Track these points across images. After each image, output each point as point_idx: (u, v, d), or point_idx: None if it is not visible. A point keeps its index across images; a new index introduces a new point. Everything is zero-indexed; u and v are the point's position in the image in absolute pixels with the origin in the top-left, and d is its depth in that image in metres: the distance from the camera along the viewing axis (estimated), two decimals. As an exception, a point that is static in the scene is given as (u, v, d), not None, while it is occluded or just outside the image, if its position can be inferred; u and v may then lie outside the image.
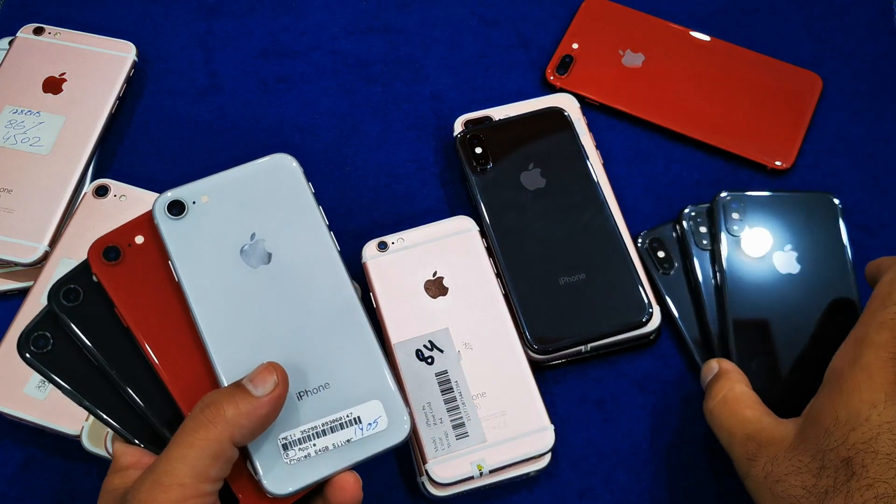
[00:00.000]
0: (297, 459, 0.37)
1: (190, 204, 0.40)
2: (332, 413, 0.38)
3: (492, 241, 0.53)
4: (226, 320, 0.39)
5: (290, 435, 0.38)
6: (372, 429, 0.39)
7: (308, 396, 0.39)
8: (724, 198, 0.54)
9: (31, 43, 0.61)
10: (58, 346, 0.39)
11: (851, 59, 0.63)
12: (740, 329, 0.51)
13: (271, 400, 0.36)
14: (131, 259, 0.40)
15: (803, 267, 0.52)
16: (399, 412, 0.39)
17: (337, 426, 0.38)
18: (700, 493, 0.50)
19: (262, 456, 0.37)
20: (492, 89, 0.62)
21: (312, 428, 0.38)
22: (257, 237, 0.40)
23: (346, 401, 0.39)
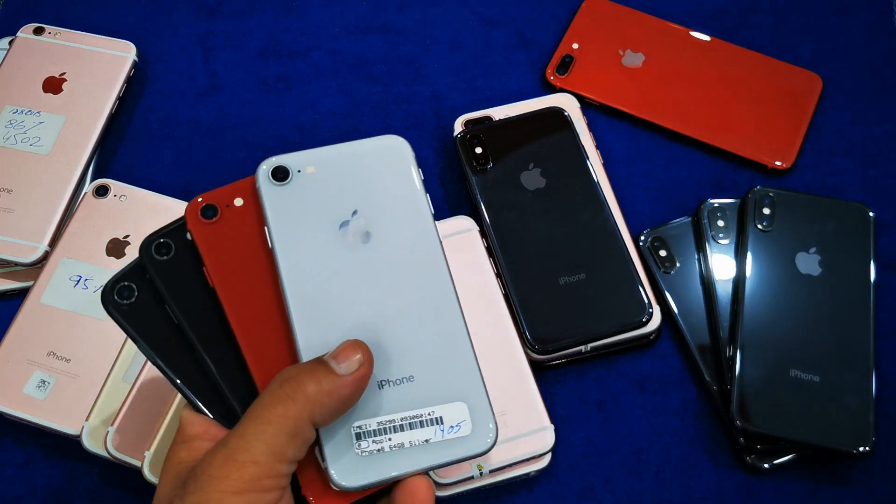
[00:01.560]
0: (369, 452, 0.34)
1: (295, 172, 0.39)
2: (412, 408, 0.35)
3: (492, 241, 0.53)
4: (314, 294, 0.36)
5: (365, 424, 0.35)
6: (454, 432, 0.35)
7: (389, 386, 0.35)
8: (758, 191, 0.54)
9: (31, 43, 0.61)
10: (141, 300, 0.38)
11: (851, 59, 0.63)
12: (751, 322, 0.51)
13: (355, 380, 0.34)
14: (228, 220, 0.38)
15: (824, 271, 0.52)
16: (485, 420, 0.36)
17: (416, 423, 0.35)
18: (700, 493, 0.50)
19: (333, 443, 0.34)
20: (492, 89, 0.62)
21: (390, 421, 0.35)
22: (359, 215, 0.38)
23: (430, 398, 0.36)
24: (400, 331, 0.37)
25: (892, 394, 0.52)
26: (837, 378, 0.49)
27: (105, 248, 0.54)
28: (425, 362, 0.36)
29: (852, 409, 0.49)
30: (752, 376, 0.49)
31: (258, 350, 0.37)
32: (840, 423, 0.48)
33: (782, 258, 0.53)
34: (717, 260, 0.54)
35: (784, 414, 0.49)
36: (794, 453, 0.49)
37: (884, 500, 0.50)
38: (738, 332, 0.51)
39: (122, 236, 0.54)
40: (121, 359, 0.51)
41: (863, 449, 0.48)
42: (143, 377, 0.50)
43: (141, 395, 0.49)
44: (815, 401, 0.49)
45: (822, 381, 0.49)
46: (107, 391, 0.50)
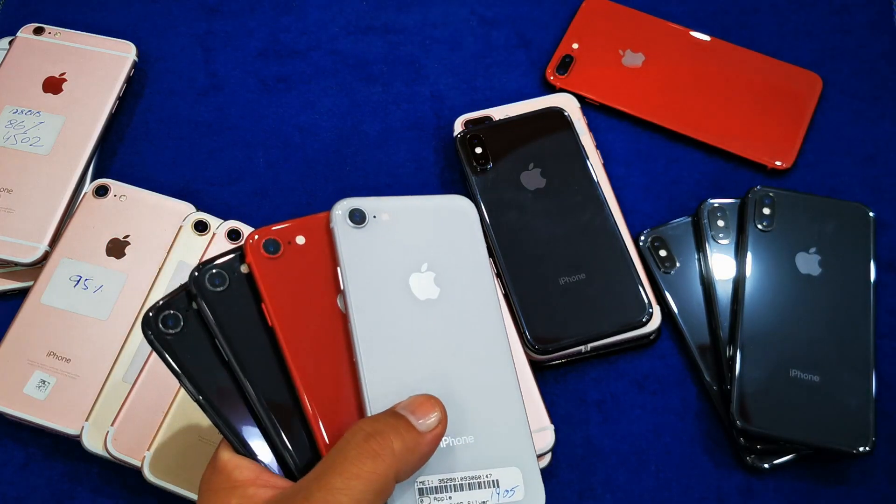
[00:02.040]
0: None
1: (371, 217, 0.38)
2: (472, 469, 0.35)
3: (492, 241, 0.53)
4: (384, 341, 0.36)
5: (428, 481, 0.34)
6: (508, 496, 0.36)
7: (451, 446, 0.35)
8: (758, 191, 0.54)
9: (31, 43, 0.61)
10: (186, 331, 0.36)
11: (851, 59, 0.63)
12: (750, 322, 0.51)
13: (434, 437, 0.33)
14: (290, 257, 0.37)
15: (824, 271, 0.52)
16: (536, 486, 0.36)
17: (475, 484, 0.35)
18: (700, 493, 0.50)
19: (397, 499, 0.34)
20: (492, 89, 0.62)
21: (451, 479, 0.35)
22: (429, 269, 0.38)
23: (487, 461, 0.36)
24: (462, 390, 0.37)
25: (892, 394, 0.52)
26: (837, 378, 0.49)
27: (105, 248, 0.54)
28: (484, 424, 0.36)
29: (852, 409, 0.49)
30: (752, 376, 0.49)
31: (317, 394, 0.35)
32: (840, 423, 0.48)
33: (782, 258, 0.53)
34: (717, 260, 0.54)
35: (784, 414, 0.49)
36: (794, 453, 0.49)
37: (884, 500, 0.50)
38: (738, 332, 0.51)
39: (122, 236, 0.54)
40: (121, 359, 0.51)
41: (863, 449, 0.48)
42: (143, 377, 0.50)
43: (141, 395, 0.49)
44: (815, 401, 0.49)
45: (822, 381, 0.49)
46: (107, 391, 0.50)
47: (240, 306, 0.36)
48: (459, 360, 0.37)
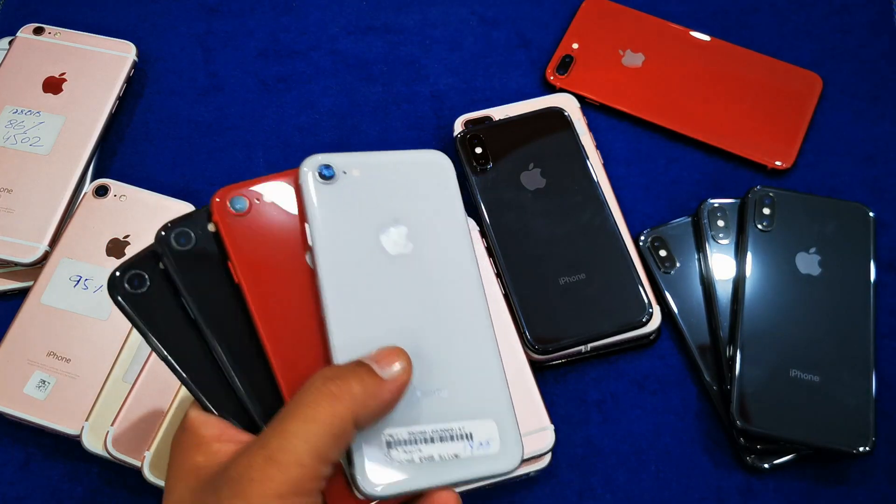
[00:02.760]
0: (398, 462, 0.33)
1: (340, 172, 0.37)
2: (444, 422, 0.35)
3: (492, 241, 0.53)
4: (352, 297, 0.35)
5: (397, 433, 0.34)
6: (483, 449, 0.35)
7: (422, 398, 0.35)
8: (758, 191, 0.54)
9: (31, 43, 0.61)
10: (153, 290, 0.36)
11: (851, 59, 0.63)
12: (750, 322, 0.51)
13: (396, 386, 0.33)
14: (257, 214, 0.36)
15: (824, 271, 0.52)
16: (513, 439, 0.36)
17: (447, 436, 0.34)
18: (700, 493, 0.50)
19: (362, 449, 0.33)
20: (492, 89, 0.62)
21: (422, 432, 0.34)
22: (400, 224, 0.37)
23: (461, 413, 0.35)
24: (434, 343, 0.36)
25: (892, 394, 0.52)
26: (837, 378, 0.49)
27: (105, 248, 0.54)
28: (458, 377, 0.36)
29: (852, 409, 0.49)
30: (752, 376, 0.49)
31: (284, 349, 0.35)
32: (840, 423, 0.48)
33: (782, 258, 0.53)
34: (717, 260, 0.54)
35: (784, 414, 0.49)
36: (794, 453, 0.49)
37: (884, 500, 0.50)
38: (738, 332, 0.51)
39: (122, 236, 0.54)
40: (121, 359, 0.51)
41: (862, 449, 0.48)
42: (143, 377, 0.50)
43: (141, 395, 0.49)
44: (815, 401, 0.49)
45: (822, 381, 0.49)
46: (107, 391, 0.50)
47: (206, 265, 0.36)
48: (432, 314, 0.36)
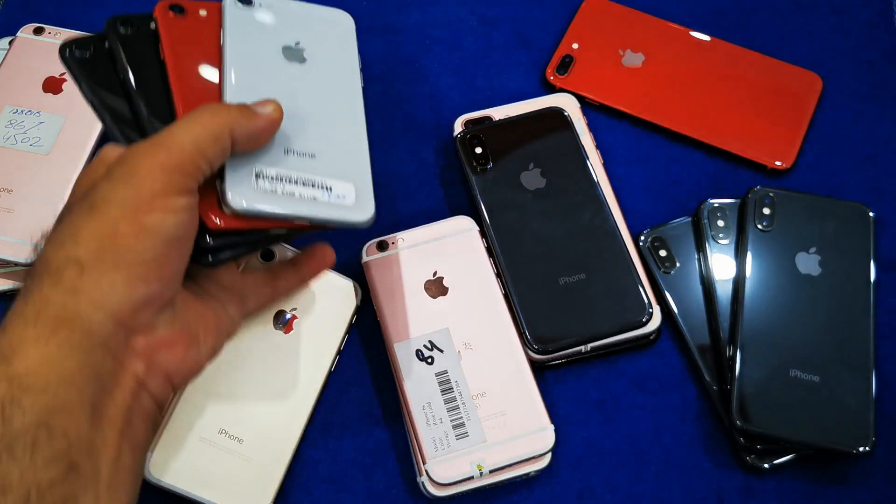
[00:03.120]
0: (262, 189, 0.40)
1: (257, 3, 0.46)
2: (309, 174, 0.42)
3: (492, 241, 0.53)
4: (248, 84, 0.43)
5: (265, 170, 0.41)
6: (339, 200, 0.42)
7: (293, 155, 0.42)
8: (758, 191, 0.54)
9: (31, 43, 0.61)
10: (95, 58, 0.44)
11: (851, 59, 0.63)
12: (750, 322, 0.51)
13: (268, 120, 0.39)
14: (191, 21, 0.45)
15: (824, 271, 0.52)
16: (367, 200, 0.43)
17: (309, 183, 0.42)
18: (700, 493, 0.50)
19: (234, 174, 0.40)
20: (492, 89, 0.62)
21: (287, 175, 0.41)
22: (300, 45, 0.46)
23: (324, 173, 0.43)
24: (310, 118, 0.44)
25: (892, 394, 0.52)
26: (837, 378, 0.49)
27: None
28: (327, 146, 0.44)
29: (852, 409, 0.49)
30: (752, 376, 0.49)
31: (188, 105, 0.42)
32: (840, 423, 0.48)
33: (782, 258, 0.53)
34: (717, 260, 0.54)
35: (784, 414, 0.49)
36: (794, 453, 0.49)
37: (884, 500, 0.50)
38: (738, 332, 0.51)
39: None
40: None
41: (863, 449, 0.48)
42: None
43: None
44: (815, 401, 0.49)
45: (822, 381, 0.49)
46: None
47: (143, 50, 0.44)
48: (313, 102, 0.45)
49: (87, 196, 0.35)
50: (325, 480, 0.50)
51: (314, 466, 0.51)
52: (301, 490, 0.50)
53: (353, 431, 0.52)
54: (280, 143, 0.42)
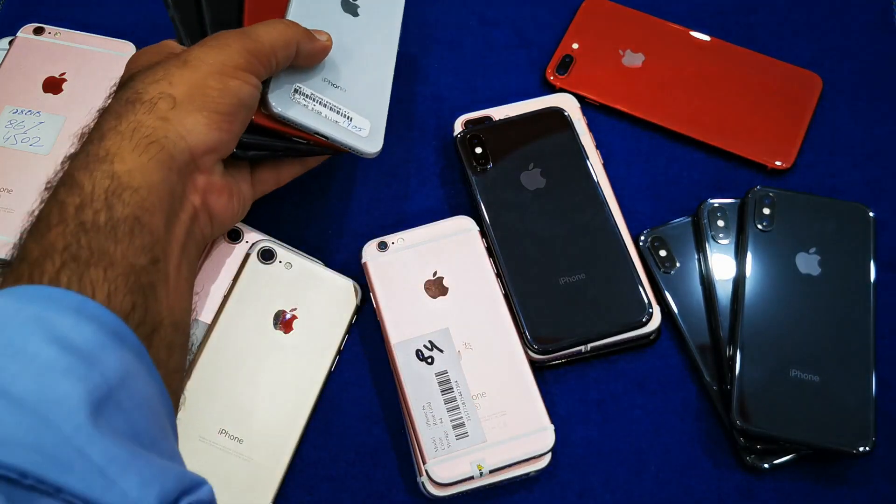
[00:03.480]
0: (297, 102, 0.48)
1: None
2: (337, 102, 0.50)
3: (492, 241, 0.53)
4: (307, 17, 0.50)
5: (304, 87, 0.49)
6: (355, 130, 0.50)
7: (328, 84, 0.50)
8: (758, 191, 0.54)
9: (31, 43, 0.61)
10: None
11: (851, 59, 0.63)
12: (750, 322, 0.51)
13: (322, 46, 0.48)
14: None
15: (824, 271, 0.52)
16: (378, 137, 0.51)
17: (335, 110, 0.49)
18: (700, 493, 0.50)
19: (277, 84, 0.47)
20: (492, 89, 0.62)
21: (320, 97, 0.49)
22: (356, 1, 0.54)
23: (349, 105, 0.50)
24: (349, 61, 0.52)
25: (892, 394, 0.52)
26: (837, 378, 0.49)
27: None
28: (356, 85, 0.51)
29: (852, 409, 0.49)
30: (752, 376, 0.49)
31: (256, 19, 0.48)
32: (840, 423, 0.48)
33: (782, 258, 0.53)
34: (717, 260, 0.54)
35: (784, 414, 0.49)
36: (794, 453, 0.49)
37: (884, 500, 0.50)
38: (738, 332, 0.51)
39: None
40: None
41: (863, 449, 0.48)
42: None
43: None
44: (815, 401, 0.49)
45: (822, 381, 0.49)
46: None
47: None
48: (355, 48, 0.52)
49: (179, 56, 0.42)
50: (326, 480, 0.50)
51: (314, 466, 0.51)
52: (301, 490, 0.50)
53: (353, 431, 0.52)
54: (319, 71, 0.50)
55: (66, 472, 0.30)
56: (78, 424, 0.31)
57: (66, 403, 0.31)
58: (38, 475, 0.29)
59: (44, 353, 0.32)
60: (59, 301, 0.33)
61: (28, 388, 0.31)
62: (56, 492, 0.30)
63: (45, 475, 0.29)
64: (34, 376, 0.31)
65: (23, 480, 0.29)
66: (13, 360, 0.31)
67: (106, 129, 0.39)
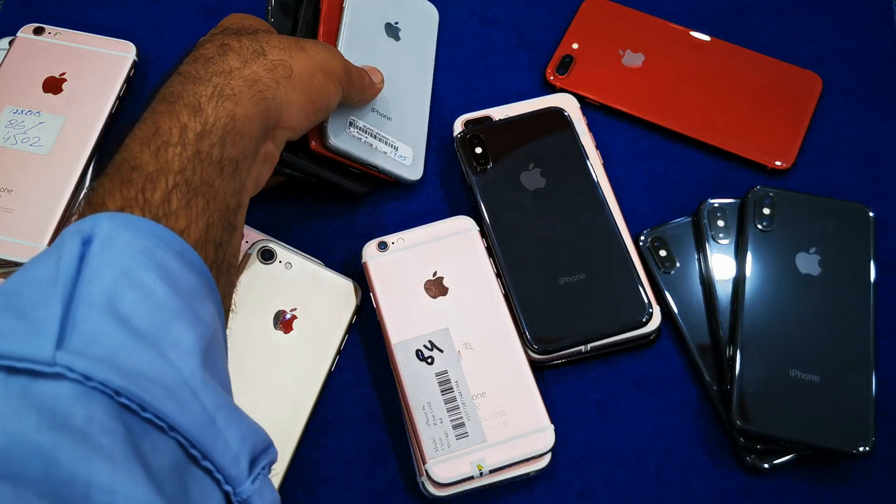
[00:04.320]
0: (350, 135, 0.52)
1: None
2: (386, 133, 0.55)
3: (492, 241, 0.53)
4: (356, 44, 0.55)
5: (357, 121, 0.53)
6: (400, 159, 0.56)
7: (376, 114, 0.55)
8: (758, 191, 0.54)
9: (31, 43, 0.61)
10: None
11: (851, 59, 0.63)
12: (750, 322, 0.51)
13: (376, 90, 0.53)
14: None
15: (824, 271, 0.52)
16: (419, 164, 0.57)
17: (383, 140, 0.55)
18: (700, 493, 0.50)
19: (336, 120, 0.52)
20: (492, 89, 0.62)
21: (371, 129, 0.54)
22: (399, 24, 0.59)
23: (395, 135, 0.56)
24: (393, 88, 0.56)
25: (892, 394, 0.52)
26: (837, 378, 0.49)
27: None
28: (400, 113, 0.56)
29: (852, 409, 0.49)
30: (752, 376, 0.49)
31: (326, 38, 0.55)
32: (840, 423, 0.48)
33: (782, 258, 0.53)
34: (717, 260, 0.54)
35: (784, 414, 0.49)
36: (794, 453, 0.49)
37: (884, 500, 0.50)
38: (738, 332, 0.51)
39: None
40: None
41: (863, 449, 0.48)
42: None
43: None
44: (815, 401, 0.49)
45: (822, 381, 0.49)
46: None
47: None
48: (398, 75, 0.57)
49: (294, 40, 0.46)
50: (326, 480, 0.50)
51: (314, 466, 0.51)
52: (301, 490, 0.50)
53: (353, 431, 0.52)
54: (371, 103, 0.54)
55: (182, 412, 0.31)
56: (193, 369, 0.32)
57: (182, 345, 0.32)
58: (158, 409, 0.30)
59: (159, 291, 0.33)
60: (167, 242, 0.34)
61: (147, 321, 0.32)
62: (170, 429, 0.30)
63: (164, 411, 0.30)
64: (152, 310, 0.32)
65: (141, 412, 0.30)
66: (132, 289, 0.32)
67: (233, 67, 0.41)
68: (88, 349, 0.30)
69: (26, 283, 0.31)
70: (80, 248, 0.32)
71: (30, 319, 0.30)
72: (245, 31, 0.44)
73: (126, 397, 0.29)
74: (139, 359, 0.30)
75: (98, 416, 0.28)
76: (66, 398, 0.28)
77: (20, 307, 0.30)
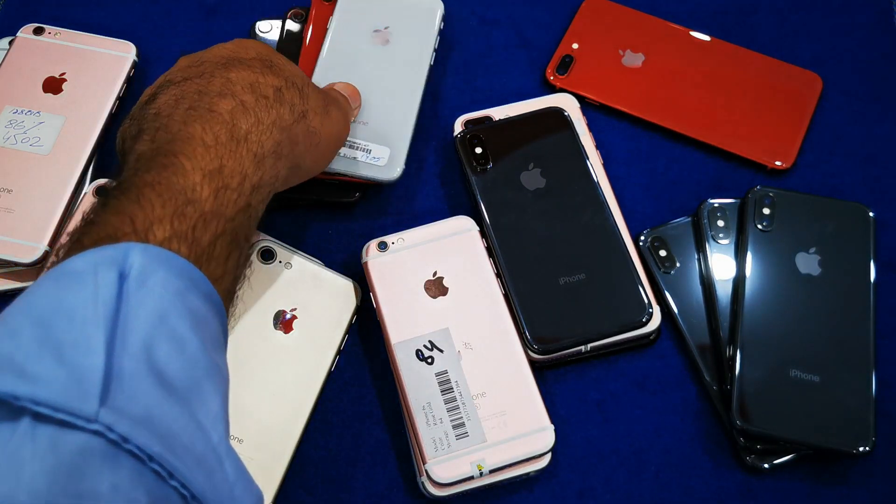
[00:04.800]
0: None
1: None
2: (359, 138, 0.55)
3: (492, 241, 0.53)
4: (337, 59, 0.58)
5: None
6: (374, 160, 0.55)
7: (354, 123, 0.55)
8: (758, 191, 0.54)
9: (31, 43, 0.61)
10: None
11: (851, 59, 0.63)
12: (750, 322, 0.51)
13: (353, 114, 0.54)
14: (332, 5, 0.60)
15: (824, 271, 0.52)
16: (398, 162, 0.55)
17: (354, 146, 0.55)
18: (700, 493, 0.50)
19: None
20: (492, 89, 0.62)
21: None
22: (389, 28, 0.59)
23: (370, 137, 0.55)
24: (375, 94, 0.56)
25: (892, 394, 0.52)
26: (837, 378, 0.49)
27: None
28: (380, 116, 0.56)
29: (852, 409, 0.49)
30: (752, 376, 0.49)
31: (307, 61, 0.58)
32: (840, 423, 0.48)
33: (782, 258, 0.53)
34: (717, 260, 0.54)
35: (784, 414, 0.49)
36: (794, 453, 0.49)
37: (884, 500, 0.50)
38: (738, 332, 0.51)
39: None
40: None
41: (863, 449, 0.48)
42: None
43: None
44: (815, 401, 0.49)
45: (822, 381, 0.49)
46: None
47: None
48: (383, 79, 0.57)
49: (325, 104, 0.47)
50: (326, 480, 0.50)
51: (314, 466, 0.51)
52: (301, 490, 0.50)
53: (353, 431, 0.52)
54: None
55: (207, 482, 0.30)
56: (221, 435, 0.31)
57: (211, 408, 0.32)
58: (186, 478, 0.29)
59: (190, 344, 0.32)
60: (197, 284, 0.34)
61: (180, 378, 0.31)
62: (192, 498, 0.29)
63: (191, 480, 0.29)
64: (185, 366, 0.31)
65: (168, 480, 0.29)
66: (167, 340, 0.31)
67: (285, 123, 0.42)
68: (128, 407, 0.29)
69: (61, 316, 0.30)
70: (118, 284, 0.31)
71: (71, 365, 0.28)
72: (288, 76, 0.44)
73: (158, 463, 0.28)
74: (174, 421, 0.30)
75: (124, 486, 0.28)
76: (95, 457, 0.27)
77: (59, 345, 0.29)
